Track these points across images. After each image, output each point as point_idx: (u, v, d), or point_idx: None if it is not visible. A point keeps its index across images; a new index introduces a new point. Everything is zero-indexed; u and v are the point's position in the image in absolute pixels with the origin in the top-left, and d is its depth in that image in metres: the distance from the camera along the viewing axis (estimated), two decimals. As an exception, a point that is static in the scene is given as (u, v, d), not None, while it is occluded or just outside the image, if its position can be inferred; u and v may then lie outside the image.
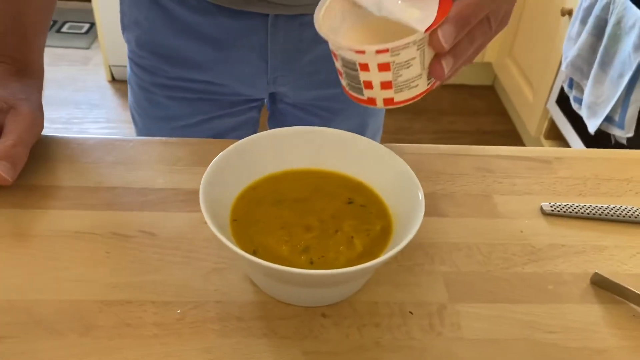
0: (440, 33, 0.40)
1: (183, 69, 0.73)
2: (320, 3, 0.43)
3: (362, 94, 0.43)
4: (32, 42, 0.61)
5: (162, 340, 0.42)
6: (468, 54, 0.43)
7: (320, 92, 0.78)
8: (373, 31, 0.43)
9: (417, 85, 0.42)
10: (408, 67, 0.40)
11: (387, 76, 0.41)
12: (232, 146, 0.48)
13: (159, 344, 0.42)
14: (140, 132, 0.83)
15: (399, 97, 0.42)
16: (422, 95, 0.43)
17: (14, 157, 0.51)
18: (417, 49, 0.40)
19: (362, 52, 0.39)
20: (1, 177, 0.50)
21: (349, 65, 0.41)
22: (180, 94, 0.75)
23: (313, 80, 0.76)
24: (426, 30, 0.39)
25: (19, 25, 0.60)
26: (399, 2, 0.41)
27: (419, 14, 0.40)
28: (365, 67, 0.40)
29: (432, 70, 0.42)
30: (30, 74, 0.60)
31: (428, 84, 0.43)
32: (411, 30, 0.39)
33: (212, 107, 0.77)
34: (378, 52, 0.39)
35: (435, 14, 0.40)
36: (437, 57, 0.42)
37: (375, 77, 0.41)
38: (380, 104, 0.43)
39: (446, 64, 0.42)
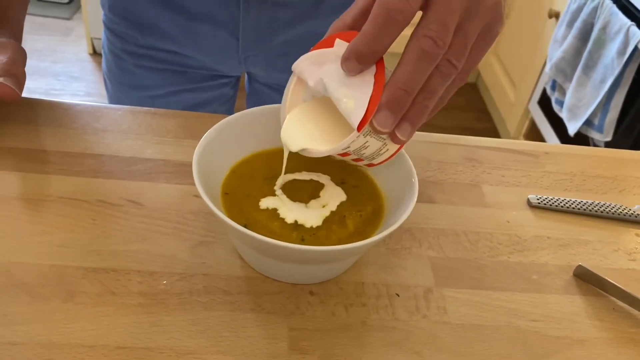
0: (375, 123, 0.36)
1: (152, 38, 0.71)
2: (281, 106, 0.44)
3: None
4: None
5: (147, 309, 0.41)
6: (430, 107, 0.37)
7: None
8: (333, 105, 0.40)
9: (387, 150, 0.41)
10: (366, 148, 0.40)
11: (352, 157, 0.42)
12: (226, 119, 0.47)
13: (144, 313, 0.41)
14: (110, 98, 0.82)
15: (376, 161, 0.43)
16: (399, 149, 0.43)
17: (17, 73, 0.50)
18: (365, 136, 0.38)
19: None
20: (12, 92, 0.49)
21: None
22: (149, 63, 0.74)
23: (286, 63, 0.74)
24: (359, 128, 0.37)
25: None
26: (338, 87, 0.38)
27: (353, 105, 0.37)
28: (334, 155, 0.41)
29: (393, 140, 0.39)
30: (7, 28, 0.58)
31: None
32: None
33: (180, 79, 0.76)
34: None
35: (367, 102, 0.37)
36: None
37: (346, 159, 0.42)
38: (368, 166, 0.45)
39: (402, 132, 0.37)
